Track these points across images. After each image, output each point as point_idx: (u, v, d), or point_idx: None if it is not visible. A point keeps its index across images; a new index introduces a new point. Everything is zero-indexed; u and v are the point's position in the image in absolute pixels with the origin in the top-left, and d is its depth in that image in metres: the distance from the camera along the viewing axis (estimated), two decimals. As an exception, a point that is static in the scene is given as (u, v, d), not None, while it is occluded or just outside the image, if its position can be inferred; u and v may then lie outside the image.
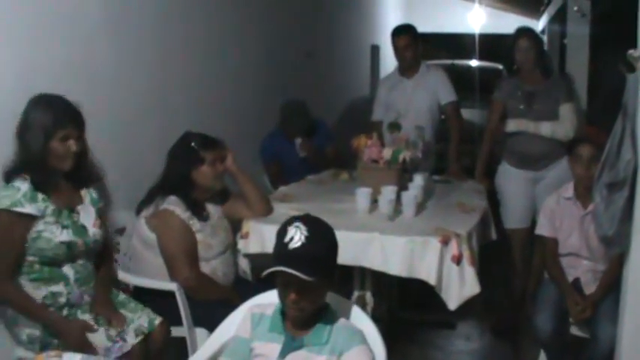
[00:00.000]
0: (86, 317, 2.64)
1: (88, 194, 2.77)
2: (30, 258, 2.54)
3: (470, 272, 2.98)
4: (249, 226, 3.28)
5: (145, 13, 3.66)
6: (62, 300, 2.61)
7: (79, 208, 2.71)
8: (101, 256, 2.85)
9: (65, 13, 3.00)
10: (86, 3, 3.15)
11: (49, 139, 2.51)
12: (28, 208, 2.48)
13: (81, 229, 2.66)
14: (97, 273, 2.79)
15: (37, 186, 2.52)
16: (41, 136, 2.50)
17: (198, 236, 3.05)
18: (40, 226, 2.52)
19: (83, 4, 3.12)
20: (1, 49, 2.63)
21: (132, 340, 2.65)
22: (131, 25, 3.53)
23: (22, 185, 2.49)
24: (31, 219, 2.50)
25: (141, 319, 2.74)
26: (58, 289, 2.60)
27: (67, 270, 2.63)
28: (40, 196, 2.52)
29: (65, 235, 2.58)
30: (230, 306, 2.34)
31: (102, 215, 2.84)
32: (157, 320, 2.78)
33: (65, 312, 2.62)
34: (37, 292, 2.57)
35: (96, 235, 2.72)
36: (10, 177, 2.53)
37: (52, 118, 2.52)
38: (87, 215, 2.72)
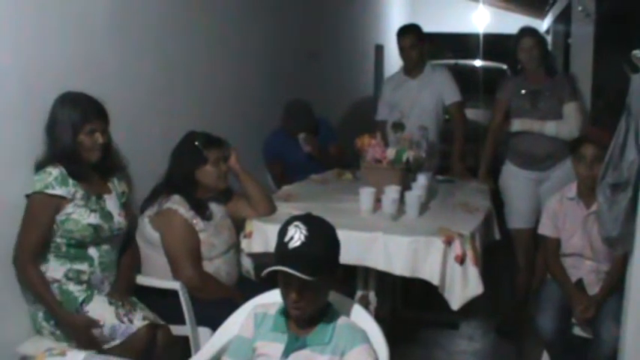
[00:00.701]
0: (102, 298, 2.72)
1: (114, 187, 2.91)
2: (58, 240, 2.67)
3: (473, 272, 2.98)
4: (253, 225, 3.29)
5: (149, 13, 3.66)
6: (84, 277, 2.72)
7: (106, 197, 2.84)
8: (125, 247, 2.97)
9: (69, 12, 3.00)
10: (91, 3, 3.15)
11: (78, 133, 2.68)
12: (59, 191, 2.63)
13: (107, 215, 2.79)
14: (119, 263, 2.90)
15: (70, 175, 2.67)
16: (70, 130, 2.67)
17: (202, 235, 3.05)
18: (69, 208, 2.65)
19: (88, 4, 3.13)
20: (7, 50, 2.63)
21: (138, 322, 2.69)
22: (135, 26, 3.53)
23: (54, 170, 2.64)
24: (62, 200, 2.64)
25: (149, 313, 2.80)
26: (83, 267, 2.72)
27: (93, 252, 2.74)
28: (71, 181, 2.67)
29: (93, 218, 2.71)
30: (233, 305, 2.35)
31: (127, 208, 2.97)
32: (161, 322, 2.82)
33: (84, 287, 2.72)
34: (61, 268, 2.69)
35: (121, 224, 2.86)
36: (41, 167, 2.66)
37: (79, 113, 2.70)
38: (113, 205, 2.85)
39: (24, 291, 2.71)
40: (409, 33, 4.68)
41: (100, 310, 2.67)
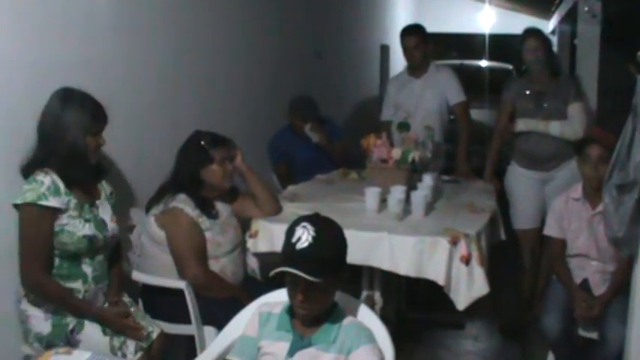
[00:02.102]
0: (94, 326, 2.64)
1: (103, 190, 2.82)
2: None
3: (479, 272, 2.97)
4: (258, 225, 3.29)
5: (156, 12, 3.67)
6: (79, 296, 2.64)
7: (98, 202, 2.75)
8: (114, 253, 2.90)
9: (76, 10, 3.01)
10: (96, 1, 3.16)
11: (87, 134, 2.60)
12: (52, 202, 2.50)
13: (101, 224, 2.70)
14: (110, 271, 2.83)
15: (66, 180, 2.56)
16: (81, 131, 2.58)
17: (207, 234, 3.05)
18: (63, 219, 2.55)
19: (93, 2, 3.14)
20: (14, 47, 2.64)
21: (131, 356, 2.65)
22: (142, 24, 3.54)
23: (45, 179, 2.51)
24: (56, 212, 2.52)
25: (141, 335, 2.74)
26: (76, 285, 2.63)
27: (86, 268, 2.66)
28: (63, 189, 2.55)
29: (87, 229, 2.61)
30: (239, 305, 2.35)
31: (116, 212, 2.89)
32: (155, 333, 2.78)
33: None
34: None
35: (114, 230, 2.78)
36: (29, 171, 2.55)
37: (90, 114, 2.61)
38: (105, 210, 2.77)
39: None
40: (413, 33, 4.68)
41: (95, 342, 2.59)
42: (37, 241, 2.50)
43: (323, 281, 1.89)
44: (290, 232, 1.96)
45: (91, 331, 2.61)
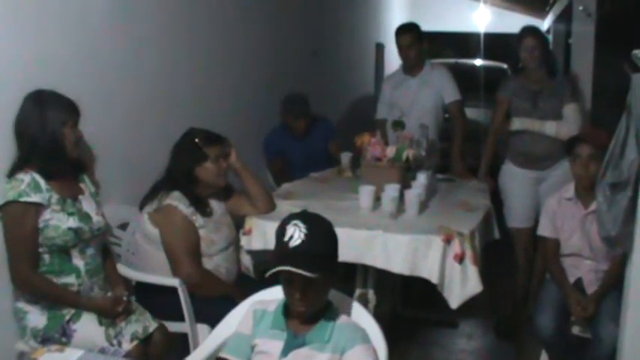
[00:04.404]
0: (91, 315, 2.65)
1: (87, 187, 2.85)
2: (40, 250, 2.60)
3: (472, 271, 2.98)
4: (252, 222, 3.29)
5: (151, 8, 3.66)
6: (73, 290, 2.66)
7: (81, 197, 2.77)
8: (105, 248, 2.92)
9: (71, 6, 3.00)
10: (92, -2, 3.16)
11: (63, 126, 2.63)
12: (34, 197, 2.54)
13: (86, 216, 2.73)
14: (104, 266, 2.86)
15: (47, 176, 2.60)
16: (57, 123, 2.61)
17: (201, 232, 3.05)
18: (46, 215, 2.58)
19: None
20: (9, 44, 2.64)
21: (127, 345, 2.66)
22: (137, 20, 3.54)
23: (25, 177, 2.56)
24: (38, 208, 2.56)
25: (138, 324, 2.75)
26: (70, 280, 2.66)
27: (77, 261, 2.68)
28: (44, 186, 2.59)
29: (72, 222, 2.64)
30: (232, 302, 2.35)
31: (101, 207, 2.91)
32: (152, 327, 2.79)
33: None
34: None
35: (100, 223, 2.80)
36: (13, 173, 2.59)
37: (62, 108, 2.64)
38: (89, 205, 2.79)
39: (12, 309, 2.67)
40: (407, 32, 4.67)
41: (90, 331, 2.61)
42: (22, 238, 2.54)
43: (320, 277, 1.89)
44: (281, 231, 1.96)
45: (87, 321, 2.64)
